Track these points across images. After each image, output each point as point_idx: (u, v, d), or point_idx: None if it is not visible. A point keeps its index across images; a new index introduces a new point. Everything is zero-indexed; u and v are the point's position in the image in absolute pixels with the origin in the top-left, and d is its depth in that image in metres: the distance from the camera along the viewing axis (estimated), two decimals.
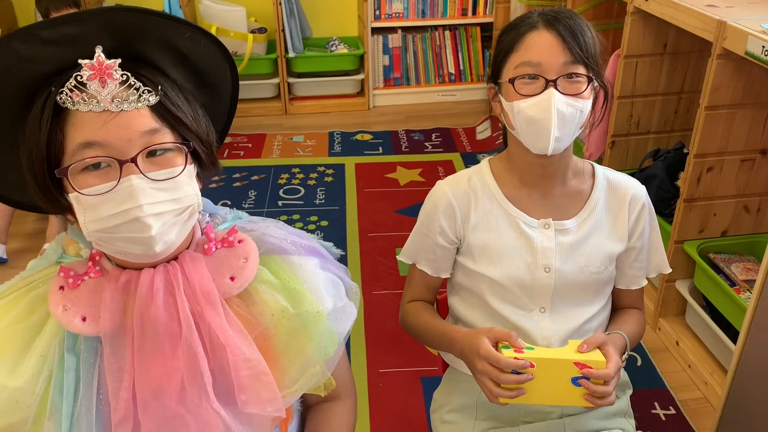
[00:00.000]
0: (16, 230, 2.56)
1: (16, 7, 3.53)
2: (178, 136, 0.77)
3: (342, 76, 3.71)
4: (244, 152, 3.26)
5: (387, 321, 2.14)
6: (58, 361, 0.78)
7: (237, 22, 3.45)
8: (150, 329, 0.77)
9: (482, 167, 1.18)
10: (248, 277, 0.83)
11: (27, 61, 0.73)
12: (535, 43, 1.03)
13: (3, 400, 0.76)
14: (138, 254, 0.77)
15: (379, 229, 2.64)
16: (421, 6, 3.67)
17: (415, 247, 1.21)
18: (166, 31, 0.78)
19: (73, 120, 0.72)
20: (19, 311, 0.80)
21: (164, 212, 0.75)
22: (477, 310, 1.18)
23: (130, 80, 0.73)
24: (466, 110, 3.71)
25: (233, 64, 0.88)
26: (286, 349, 0.83)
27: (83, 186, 0.73)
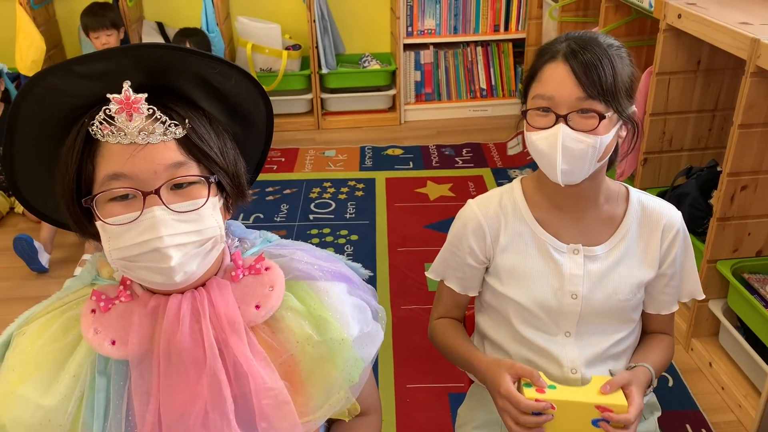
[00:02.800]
0: (60, 240, 2.64)
1: (60, 23, 3.65)
2: (204, 169, 0.79)
3: (374, 92, 3.75)
4: (277, 166, 3.31)
5: (415, 336, 2.15)
6: (89, 381, 0.80)
7: (272, 39, 3.52)
8: (176, 355, 0.79)
9: (514, 187, 1.18)
10: (273, 306, 0.84)
11: (62, 94, 0.76)
12: (550, 76, 1.02)
13: (37, 418, 0.78)
14: (159, 283, 0.80)
15: (409, 243, 2.66)
16: (454, 22, 3.70)
17: (444, 264, 1.22)
18: (195, 65, 0.80)
19: (103, 151, 0.76)
20: (54, 332, 0.83)
21: (186, 243, 0.77)
22: (503, 330, 1.18)
23: (156, 114, 0.76)
24: (497, 125, 3.71)
25: (266, 97, 0.90)
26: (311, 376, 0.85)
27: (108, 215, 0.76)
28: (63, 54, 3.69)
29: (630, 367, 1.12)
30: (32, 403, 0.78)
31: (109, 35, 3.12)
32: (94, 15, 3.10)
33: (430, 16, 3.66)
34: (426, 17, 3.66)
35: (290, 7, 3.69)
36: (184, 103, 0.80)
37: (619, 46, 1.05)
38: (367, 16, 3.83)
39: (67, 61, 0.75)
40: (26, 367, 0.80)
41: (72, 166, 0.77)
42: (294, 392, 0.84)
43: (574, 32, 1.07)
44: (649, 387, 1.10)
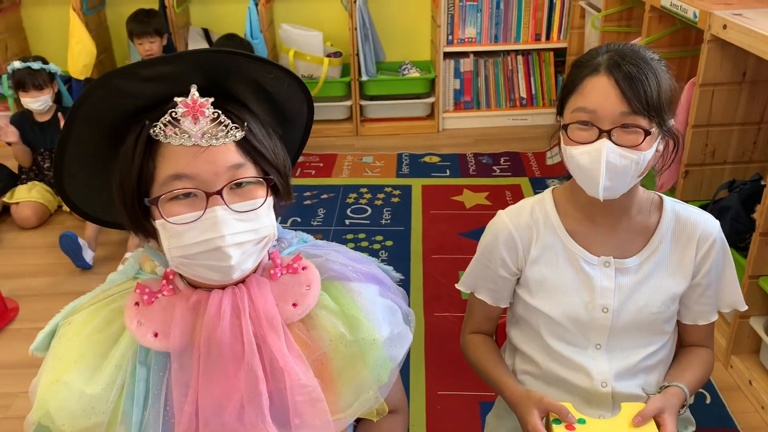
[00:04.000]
0: (103, 239, 2.73)
1: (111, 29, 3.78)
2: (260, 170, 0.82)
3: (413, 99, 3.77)
4: (315, 171, 3.35)
5: (447, 343, 2.15)
6: (130, 371, 0.83)
7: (314, 47, 3.57)
8: (215, 349, 0.82)
9: (545, 197, 1.16)
10: (309, 305, 0.87)
11: (125, 96, 0.79)
12: (593, 89, 0.99)
13: (81, 405, 0.81)
14: (215, 280, 0.83)
15: (443, 251, 2.66)
16: (494, 31, 3.69)
17: (475, 276, 1.21)
18: (254, 70, 0.83)
19: (164, 152, 0.78)
20: (99, 322, 0.86)
21: (244, 242, 0.80)
22: (533, 342, 1.17)
23: (221, 118, 0.78)
24: (536, 135, 3.69)
25: (311, 102, 0.93)
26: (341, 374, 0.87)
27: (171, 214, 0.78)
28: (112, 58, 3.81)
29: (663, 386, 1.10)
30: (76, 390, 0.81)
31: (152, 42, 3.21)
32: (139, 22, 3.20)
33: (470, 25, 3.67)
34: (467, 26, 3.67)
35: (332, 15, 3.74)
36: (239, 106, 0.83)
37: (659, 59, 1.03)
38: (408, 25, 3.85)
39: (134, 64, 0.78)
40: (72, 356, 0.84)
41: (134, 165, 0.79)
42: (325, 390, 0.86)
43: (614, 44, 1.04)
44: (683, 407, 1.08)
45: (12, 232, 2.88)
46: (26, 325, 2.31)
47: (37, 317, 2.32)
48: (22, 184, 2.99)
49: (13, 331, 2.29)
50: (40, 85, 2.89)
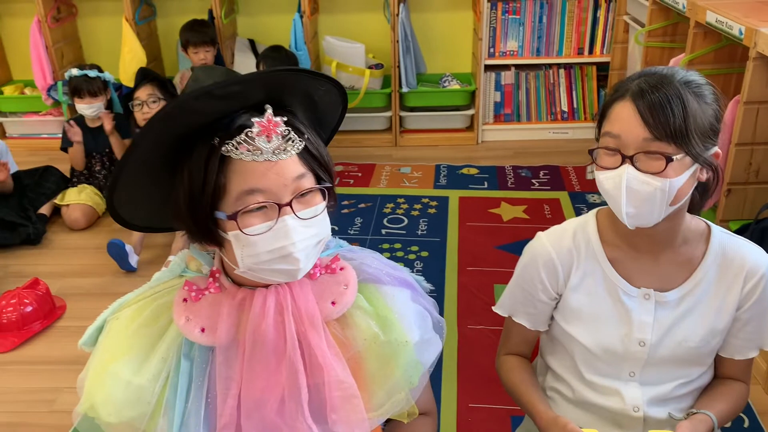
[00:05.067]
0: (147, 242, 2.82)
1: (160, 38, 3.90)
2: (317, 177, 0.87)
3: (452, 111, 3.78)
4: (354, 181, 3.39)
5: (481, 356, 2.15)
6: (175, 364, 0.87)
7: (356, 58, 3.62)
8: (259, 344, 0.86)
9: (588, 221, 1.14)
10: (347, 303, 0.90)
11: (194, 113, 0.82)
12: (618, 115, 0.99)
13: (127, 395, 0.86)
14: (281, 281, 0.87)
15: (479, 263, 2.66)
16: (536, 44, 3.69)
17: (513, 300, 1.19)
18: (309, 84, 0.88)
19: (236, 167, 0.82)
20: (146, 317, 0.90)
21: (308, 246, 0.85)
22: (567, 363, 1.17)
23: (290, 135, 0.83)
24: (577, 149, 3.66)
25: (345, 110, 0.98)
26: (374, 374, 0.89)
27: (245, 226, 0.82)
28: (161, 67, 3.93)
29: (691, 412, 1.08)
30: (123, 380, 0.86)
31: (207, 51, 3.32)
32: (195, 31, 3.31)
33: (512, 38, 3.67)
34: (509, 39, 3.68)
35: (375, 27, 3.79)
36: (291, 115, 0.87)
37: (701, 83, 0.99)
38: (450, 37, 3.88)
39: (210, 86, 0.80)
40: (120, 348, 0.89)
41: (207, 181, 0.82)
42: (358, 389, 0.88)
43: (652, 68, 1.03)
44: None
45: (62, 233, 2.99)
46: (73, 323, 2.40)
47: (83, 315, 2.41)
48: (73, 187, 3.11)
49: (60, 329, 2.38)
50: (95, 92, 3.01)
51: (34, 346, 2.28)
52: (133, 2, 3.50)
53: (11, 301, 2.36)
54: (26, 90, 3.88)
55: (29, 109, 3.81)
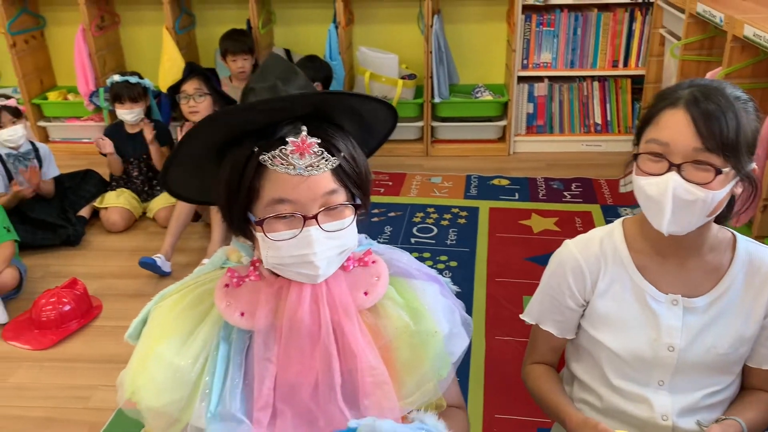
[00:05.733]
0: (182, 245, 2.89)
1: (199, 47, 3.99)
2: (350, 193, 0.91)
3: (484, 122, 3.79)
4: (384, 189, 3.42)
5: (507, 367, 2.15)
6: (215, 347, 0.92)
7: (389, 69, 3.66)
8: (295, 330, 0.90)
9: (614, 229, 1.15)
10: (379, 294, 0.95)
11: (238, 123, 0.89)
12: (668, 122, 0.98)
13: (168, 375, 0.90)
14: (302, 281, 0.91)
15: (508, 274, 2.66)
16: (570, 56, 3.68)
17: (541, 307, 1.20)
18: (355, 102, 0.93)
19: (270, 176, 0.87)
20: (189, 302, 0.96)
21: (330, 256, 0.89)
22: (594, 372, 1.17)
23: (324, 155, 0.87)
24: (610, 161, 3.63)
25: (396, 121, 1.02)
26: (404, 363, 0.93)
27: (271, 230, 0.88)
28: None
29: (720, 419, 1.08)
30: (166, 360, 0.90)
31: (245, 59, 3.40)
32: (233, 40, 3.39)
33: (546, 50, 3.67)
34: (542, 51, 3.67)
35: (409, 38, 3.82)
36: (335, 128, 0.91)
37: (747, 99, 1.00)
38: (483, 49, 3.89)
39: (256, 102, 0.88)
40: (163, 331, 0.94)
41: (243, 184, 0.88)
42: (389, 377, 0.91)
43: (700, 79, 1.03)
44: None
45: (100, 235, 3.08)
46: (108, 323, 2.47)
47: (118, 316, 2.48)
48: (112, 191, 3.20)
49: (96, 328, 2.44)
50: (135, 98, 3.10)
51: (71, 344, 2.35)
52: (173, 12, 3.60)
53: (50, 300, 2.43)
54: (69, 96, 4.00)
55: (72, 114, 3.94)
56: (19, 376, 2.20)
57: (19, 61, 3.75)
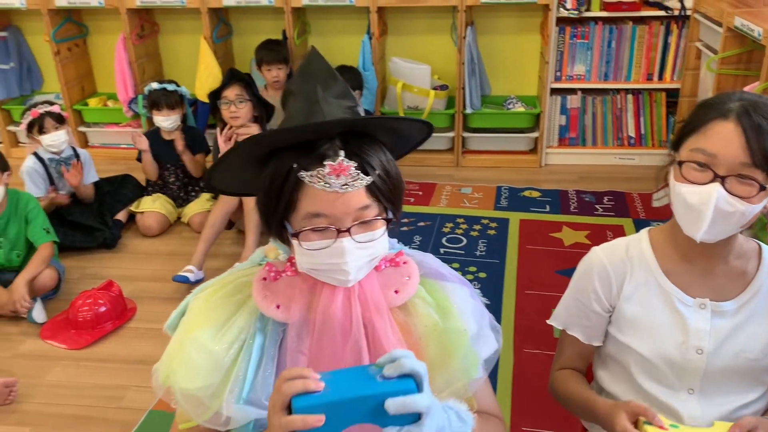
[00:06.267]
0: (216, 251, 2.94)
1: (235, 57, 4.07)
2: (382, 207, 0.94)
3: (516, 133, 3.78)
4: (414, 199, 3.43)
5: (536, 380, 2.14)
6: (250, 336, 0.95)
7: (421, 79, 3.68)
8: (328, 324, 0.94)
9: (641, 237, 1.17)
10: (410, 293, 0.98)
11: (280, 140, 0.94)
12: (717, 134, 0.99)
13: (204, 360, 0.94)
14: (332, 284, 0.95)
15: (538, 287, 2.65)
16: (604, 69, 3.66)
17: (567, 312, 1.22)
18: (392, 123, 0.96)
19: (307, 191, 0.90)
20: (227, 291, 1.00)
21: (361, 264, 0.93)
22: (623, 383, 1.17)
23: (359, 176, 0.90)
24: (643, 175, 3.60)
25: (430, 134, 1.04)
26: (434, 360, 0.94)
27: (305, 240, 0.91)
28: None
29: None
30: (202, 345, 0.94)
31: (279, 69, 3.46)
32: (269, 50, 3.45)
33: (580, 62, 3.65)
34: (576, 63, 3.66)
35: (442, 49, 3.84)
36: (371, 144, 0.94)
37: None
38: (516, 60, 3.89)
39: (294, 127, 0.92)
40: (201, 317, 0.98)
41: (282, 198, 0.92)
42: None
43: (748, 93, 1.04)
44: None
45: (136, 239, 3.15)
46: (142, 324, 2.52)
47: (152, 318, 2.53)
48: (148, 196, 3.27)
49: (130, 329, 2.50)
50: (172, 105, 3.18)
51: (106, 345, 2.41)
52: (211, 21, 3.68)
53: (87, 301, 2.50)
54: (109, 102, 4.11)
55: (111, 120, 4.04)
56: (56, 374, 2.27)
57: (62, 68, 3.87)
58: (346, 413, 0.79)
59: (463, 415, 0.91)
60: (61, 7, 3.75)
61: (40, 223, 2.65)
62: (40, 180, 3.03)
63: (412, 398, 0.79)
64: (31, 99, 3.98)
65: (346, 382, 0.81)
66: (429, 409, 0.81)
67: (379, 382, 0.81)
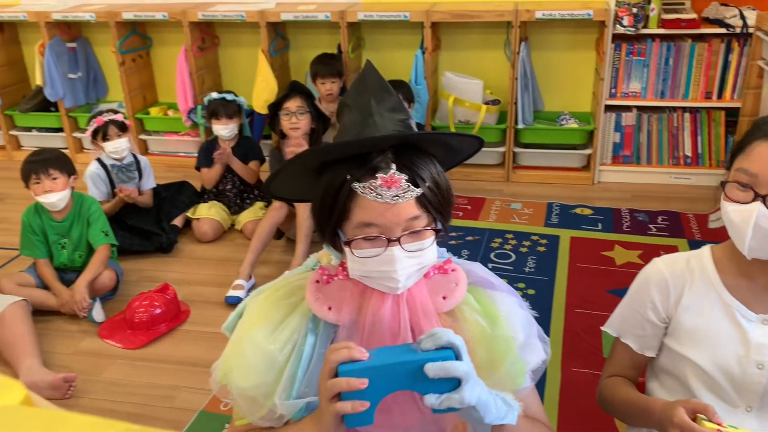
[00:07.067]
0: (266, 258, 3.00)
1: (291, 69, 4.16)
2: (431, 217, 0.96)
3: (568, 150, 3.75)
4: (462, 213, 3.43)
5: (583, 400, 2.11)
6: (302, 336, 0.99)
7: (474, 94, 3.69)
8: (377, 326, 0.97)
9: (703, 252, 1.18)
10: (457, 299, 1.00)
11: (334, 153, 0.97)
12: (758, 154, 1.01)
13: (258, 358, 0.98)
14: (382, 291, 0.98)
15: (588, 306, 2.61)
16: (661, 87, 3.59)
17: (623, 320, 1.22)
18: (443, 139, 1.00)
19: (360, 201, 0.94)
20: (282, 294, 1.04)
21: (410, 272, 0.95)
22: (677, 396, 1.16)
23: (410, 188, 0.93)
24: (700, 195, 3.51)
25: (482, 146, 1.07)
26: (481, 367, 0.95)
27: (357, 248, 0.95)
28: None
29: None
30: (257, 345, 0.99)
31: (333, 82, 3.53)
32: (324, 64, 3.53)
33: (636, 80, 3.60)
34: (632, 80, 3.61)
35: (495, 64, 3.85)
36: (421, 156, 0.97)
37: None
38: (570, 76, 3.86)
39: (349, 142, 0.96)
40: (257, 317, 1.02)
41: (336, 207, 0.95)
42: None
43: None
44: None
45: (191, 244, 3.25)
46: (195, 327, 2.59)
47: (205, 321, 2.60)
48: (204, 203, 3.37)
49: (183, 332, 2.57)
50: (231, 115, 3.28)
51: (160, 346, 2.49)
52: (269, 35, 3.78)
53: (143, 303, 2.59)
54: (169, 112, 4.26)
55: (170, 129, 4.19)
56: (112, 372, 2.35)
57: (126, 78, 4.04)
58: (387, 379, 0.85)
59: (510, 401, 0.93)
60: (128, 20, 3.92)
61: (100, 226, 2.76)
62: (102, 184, 3.16)
63: (451, 363, 0.84)
64: (96, 107, 4.16)
65: (388, 354, 0.87)
66: (468, 375, 0.85)
67: (419, 353, 0.86)
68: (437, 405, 0.84)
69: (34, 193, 2.64)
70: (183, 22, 3.81)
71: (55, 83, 4.07)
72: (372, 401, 0.84)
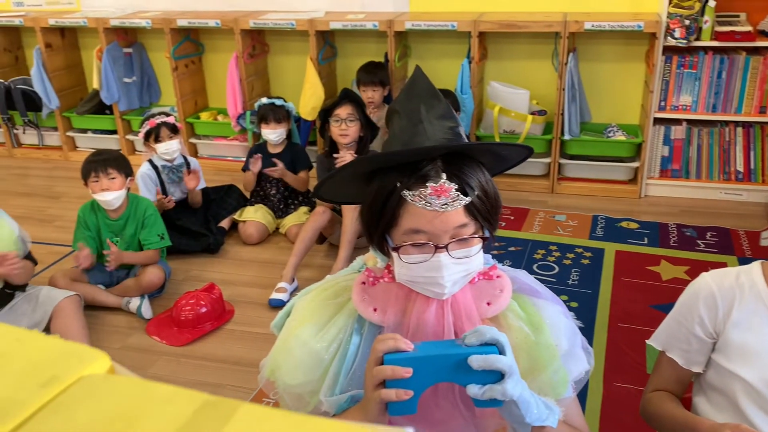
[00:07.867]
0: (308, 261, 3.05)
1: (338, 77, 4.22)
2: (479, 225, 0.97)
3: (615, 162, 3.70)
4: (505, 224, 3.42)
5: (625, 416, 2.08)
6: (348, 336, 1.02)
7: (520, 104, 3.68)
8: (421, 329, 0.98)
9: (753, 267, 1.16)
10: (501, 305, 1.01)
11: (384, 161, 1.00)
12: None
13: (304, 356, 1.01)
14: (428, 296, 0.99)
15: (632, 320, 2.57)
16: (713, 100, 3.52)
17: (668, 334, 1.21)
18: (493, 148, 1.01)
19: (409, 208, 0.96)
20: (329, 294, 1.07)
21: (457, 279, 0.97)
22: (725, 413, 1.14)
23: (459, 197, 0.94)
24: (751, 212, 3.42)
25: (530, 155, 1.08)
26: (523, 373, 0.96)
27: (405, 254, 0.97)
28: None
29: None
30: (304, 343, 1.01)
31: (374, 91, 3.57)
32: (367, 72, 3.58)
33: (686, 93, 3.54)
34: (682, 93, 3.54)
35: (542, 75, 3.83)
36: (470, 164, 0.98)
37: None
38: (619, 88, 3.82)
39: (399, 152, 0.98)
40: (305, 315, 1.05)
41: (385, 213, 0.97)
42: None
43: None
44: None
45: (237, 246, 3.32)
46: (238, 327, 2.64)
47: (249, 322, 2.65)
48: (250, 206, 3.44)
49: (227, 331, 2.62)
50: (280, 119, 3.35)
51: (205, 344, 2.55)
52: (318, 44, 3.85)
53: (189, 302, 2.65)
54: (219, 117, 4.37)
55: (219, 133, 4.29)
56: (158, 367, 2.42)
57: (178, 83, 4.16)
58: (431, 370, 0.86)
59: (551, 405, 0.93)
60: (182, 27, 4.03)
61: (156, 230, 2.85)
62: (152, 185, 3.26)
63: (495, 356, 0.85)
64: (148, 111, 4.29)
65: (433, 347, 0.89)
66: (511, 369, 0.86)
67: (463, 347, 0.88)
68: (480, 395, 0.85)
69: (92, 190, 2.75)
70: (235, 30, 3.91)
71: (111, 87, 4.21)
72: (416, 391, 0.86)
